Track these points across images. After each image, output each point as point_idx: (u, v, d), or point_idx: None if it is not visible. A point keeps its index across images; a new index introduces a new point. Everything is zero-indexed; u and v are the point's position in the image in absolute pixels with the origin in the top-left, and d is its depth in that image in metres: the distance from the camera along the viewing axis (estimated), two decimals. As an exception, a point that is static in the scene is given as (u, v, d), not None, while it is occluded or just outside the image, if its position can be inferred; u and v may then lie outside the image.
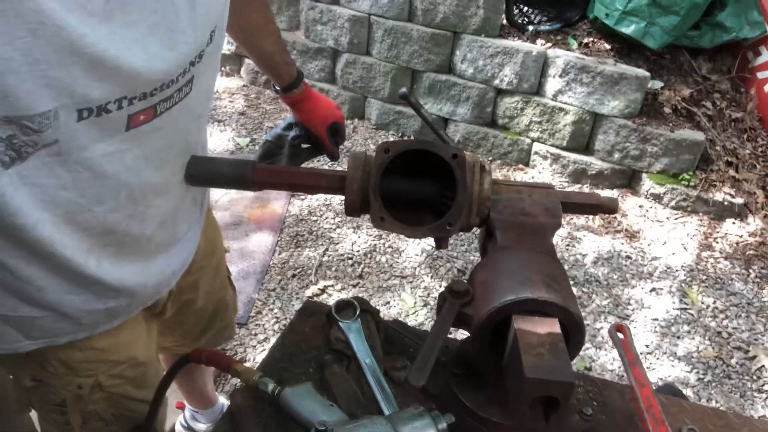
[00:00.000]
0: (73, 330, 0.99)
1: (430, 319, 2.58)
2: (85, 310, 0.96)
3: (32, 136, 0.69)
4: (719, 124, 3.45)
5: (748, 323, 2.72)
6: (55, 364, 1.03)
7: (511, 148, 3.68)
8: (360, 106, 4.03)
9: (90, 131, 0.75)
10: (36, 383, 1.07)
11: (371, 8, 3.65)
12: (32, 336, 0.95)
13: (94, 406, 1.12)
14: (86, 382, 1.08)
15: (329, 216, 3.18)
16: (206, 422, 1.97)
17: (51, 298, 0.90)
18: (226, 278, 1.47)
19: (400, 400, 1.02)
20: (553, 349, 0.77)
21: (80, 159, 0.77)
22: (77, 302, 0.94)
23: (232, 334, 1.60)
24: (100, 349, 1.06)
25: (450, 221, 0.91)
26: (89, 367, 1.07)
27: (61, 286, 0.90)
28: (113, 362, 1.10)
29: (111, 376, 1.11)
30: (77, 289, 0.92)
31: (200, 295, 1.34)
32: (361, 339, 1.09)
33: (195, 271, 1.25)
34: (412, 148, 0.92)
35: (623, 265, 3.01)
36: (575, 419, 1.00)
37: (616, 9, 3.24)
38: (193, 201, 1.12)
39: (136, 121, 0.80)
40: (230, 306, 1.50)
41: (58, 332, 0.97)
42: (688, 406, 1.08)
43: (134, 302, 1.06)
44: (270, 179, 1.03)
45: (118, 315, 1.04)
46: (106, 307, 0.99)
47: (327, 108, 1.43)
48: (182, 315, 1.33)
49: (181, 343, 1.45)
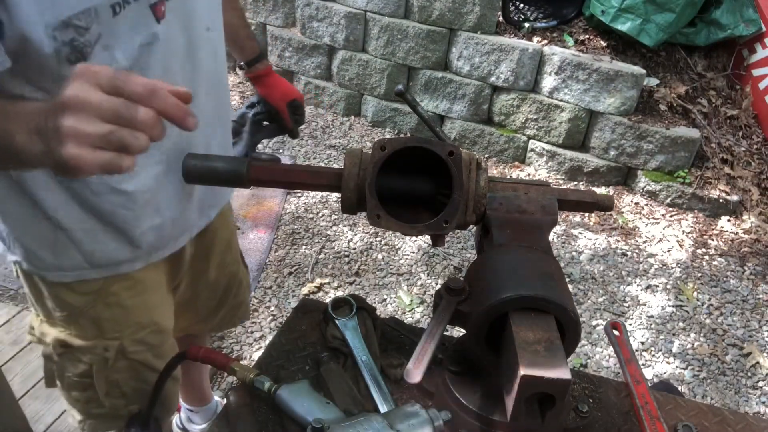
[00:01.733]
0: (129, 255, 1.09)
1: (426, 316, 2.58)
2: (138, 227, 1.07)
3: (86, 36, 0.81)
4: (714, 122, 3.46)
5: (743, 320, 2.73)
6: (85, 324, 1.13)
7: (507, 146, 3.68)
8: (356, 103, 4.02)
9: (125, 24, 0.86)
10: (64, 350, 1.16)
11: (367, 5, 3.64)
12: (95, 262, 1.07)
13: (117, 376, 1.19)
14: (112, 345, 1.16)
15: (325, 213, 3.18)
16: (201, 422, 1.96)
17: (105, 208, 1.01)
18: (238, 254, 1.51)
19: (396, 397, 1.02)
20: (549, 346, 0.77)
21: (126, 51, 0.88)
22: (130, 217, 1.05)
23: (246, 314, 1.62)
24: (127, 307, 1.15)
25: (446, 219, 0.91)
26: (116, 327, 1.15)
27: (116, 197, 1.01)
28: (137, 324, 1.18)
29: (135, 341, 1.18)
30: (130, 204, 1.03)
31: (212, 266, 1.39)
32: (357, 336, 1.09)
33: (209, 236, 1.32)
34: (408, 145, 0.91)
35: (619, 262, 3.01)
36: (571, 416, 1.00)
37: (612, 6, 3.24)
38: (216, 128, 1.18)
39: (159, 11, 0.90)
40: (243, 283, 1.54)
41: (118, 256, 1.08)
42: (683, 402, 1.08)
43: (174, 224, 1.14)
44: (266, 177, 1.03)
45: (160, 241, 1.13)
46: (152, 224, 1.08)
47: (288, 86, 1.50)
48: (196, 287, 1.39)
49: (196, 321, 1.49)
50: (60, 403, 2.10)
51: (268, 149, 3.69)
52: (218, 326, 1.61)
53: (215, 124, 1.17)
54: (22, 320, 2.41)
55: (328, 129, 3.93)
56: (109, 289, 1.13)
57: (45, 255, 1.05)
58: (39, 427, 2.02)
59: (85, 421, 1.28)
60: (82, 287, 1.10)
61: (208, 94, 1.10)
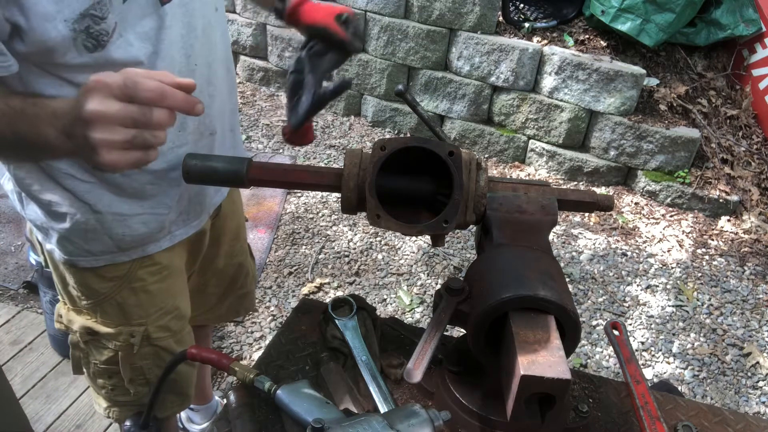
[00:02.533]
0: (156, 235, 1.13)
1: (426, 316, 2.58)
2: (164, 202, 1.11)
3: (101, 24, 0.85)
4: (714, 122, 3.46)
5: (743, 320, 2.73)
6: (110, 310, 1.17)
7: (507, 146, 3.68)
8: (356, 103, 4.02)
9: (134, 9, 0.90)
10: (90, 337, 1.20)
11: (367, 5, 3.64)
12: (123, 246, 1.11)
13: (142, 362, 1.23)
14: (138, 331, 1.19)
15: (325, 213, 3.18)
16: (201, 421, 1.96)
17: (133, 186, 1.05)
18: (246, 244, 1.54)
19: (396, 397, 1.02)
20: (549, 346, 0.77)
21: (137, 34, 0.91)
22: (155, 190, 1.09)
23: (252, 305, 1.66)
24: (152, 292, 1.19)
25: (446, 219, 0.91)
26: (141, 313, 1.19)
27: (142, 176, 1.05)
28: (162, 309, 1.22)
29: (159, 327, 1.22)
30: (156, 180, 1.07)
31: (221, 253, 1.42)
32: (357, 336, 1.09)
33: (218, 224, 1.36)
34: (408, 145, 0.91)
35: (619, 262, 3.01)
36: (571, 416, 1.00)
37: (612, 6, 3.24)
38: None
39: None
40: (250, 273, 1.57)
41: (145, 239, 1.12)
42: (683, 402, 1.08)
43: (196, 198, 1.18)
44: (265, 176, 1.03)
45: (184, 217, 1.17)
46: (178, 198, 1.12)
47: (329, 5, 1.42)
48: (204, 275, 1.43)
49: (204, 310, 1.52)
50: (59, 403, 2.10)
51: (268, 149, 3.69)
52: (224, 315, 1.63)
53: (230, 101, 1.22)
54: (22, 320, 2.41)
55: (328, 129, 3.93)
56: (135, 274, 1.16)
57: (78, 241, 1.09)
58: (39, 427, 2.02)
59: (110, 408, 1.31)
60: (110, 271, 1.14)
61: (225, 71, 1.15)
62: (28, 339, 2.33)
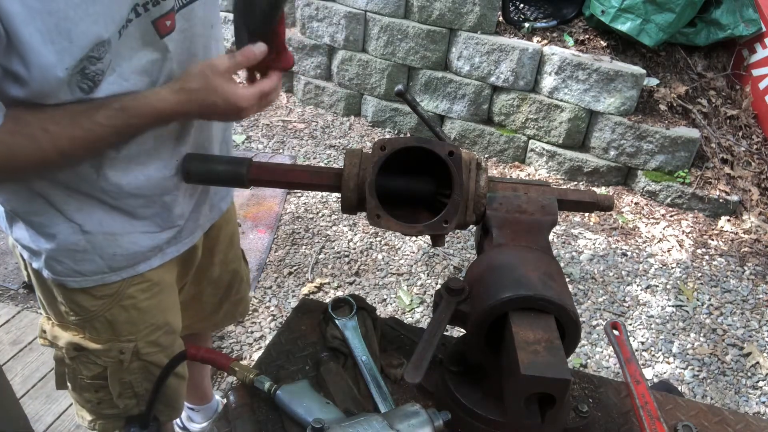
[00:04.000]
0: (148, 254, 1.13)
1: (426, 316, 2.58)
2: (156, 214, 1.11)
3: (98, 64, 0.85)
4: (714, 122, 3.46)
5: (743, 320, 2.73)
6: (100, 327, 1.14)
7: (507, 146, 3.68)
8: (356, 103, 4.02)
9: (129, 43, 0.89)
10: (77, 353, 1.17)
11: (367, 5, 3.64)
12: (114, 266, 1.10)
13: (130, 377, 1.21)
14: (127, 347, 1.18)
15: (325, 213, 3.18)
16: (201, 421, 1.96)
17: (127, 206, 1.05)
18: (240, 251, 1.54)
19: (396, 397, 1.02)
20: (548, 346, 0.77)
21: (133, 68, 0.91)
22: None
23: (246, 310, 1.65)
24: (142, 309, 1.17)
25: (446, 218, 0.91)
26: (131, 329, 1.17)
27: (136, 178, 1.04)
28: (153, 326, 1.20)
29: (149, 342, 1.20)
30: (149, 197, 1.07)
31: (215, 262, 1.41)
32: (357, 336, 1.09)
33: (213, 233, 1.35)
34: (408, 145, 0.92)
35: (619, 262, 3.01)
36: (571, 416, 1.00)
37: (612, 6, 3.24)
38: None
39: (163, 27, 0.92)
40: (244, 279, 1.57)
41: (137, 258, 1.11)
42: (683, 402, 1.08)
43: (190, 218, 1.18)
44: (265, 176, 1.03)
45: (178, 235, 1.17)
46: (175, 213, 1.12)
47: None
48: (200, 284, 1.42)
49: (199, 318, 1.51)
50: (60, 403, 2.10)
51: (268, 149, 3.69)
52: (220, 323, 1.63)
53: None
54: (21, 320, 2.41)
55: (328, 129, 3.93)
56: (125, 291, 1.14)
57: (67, 261, 1.07)
58: (39, 427, 2.02)
59: (96, 421, 1.30)
60: (100, 290, 1.12)
61: None
62: (28, 339, 2.33)
